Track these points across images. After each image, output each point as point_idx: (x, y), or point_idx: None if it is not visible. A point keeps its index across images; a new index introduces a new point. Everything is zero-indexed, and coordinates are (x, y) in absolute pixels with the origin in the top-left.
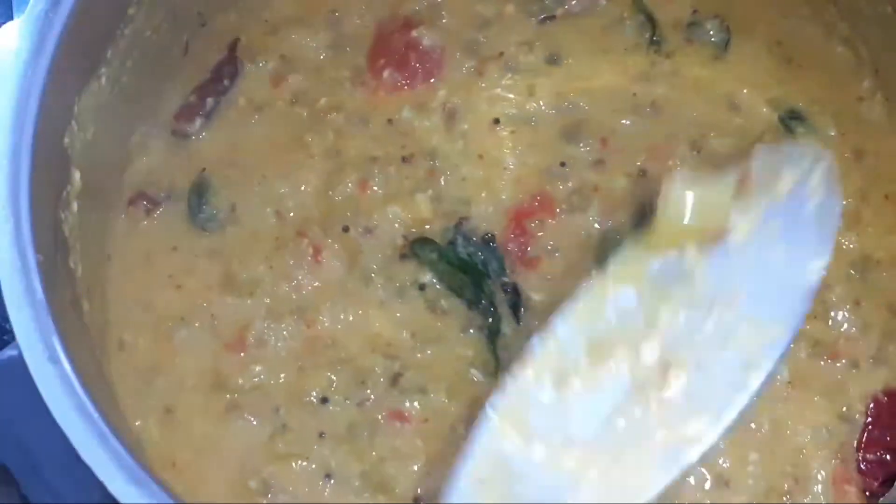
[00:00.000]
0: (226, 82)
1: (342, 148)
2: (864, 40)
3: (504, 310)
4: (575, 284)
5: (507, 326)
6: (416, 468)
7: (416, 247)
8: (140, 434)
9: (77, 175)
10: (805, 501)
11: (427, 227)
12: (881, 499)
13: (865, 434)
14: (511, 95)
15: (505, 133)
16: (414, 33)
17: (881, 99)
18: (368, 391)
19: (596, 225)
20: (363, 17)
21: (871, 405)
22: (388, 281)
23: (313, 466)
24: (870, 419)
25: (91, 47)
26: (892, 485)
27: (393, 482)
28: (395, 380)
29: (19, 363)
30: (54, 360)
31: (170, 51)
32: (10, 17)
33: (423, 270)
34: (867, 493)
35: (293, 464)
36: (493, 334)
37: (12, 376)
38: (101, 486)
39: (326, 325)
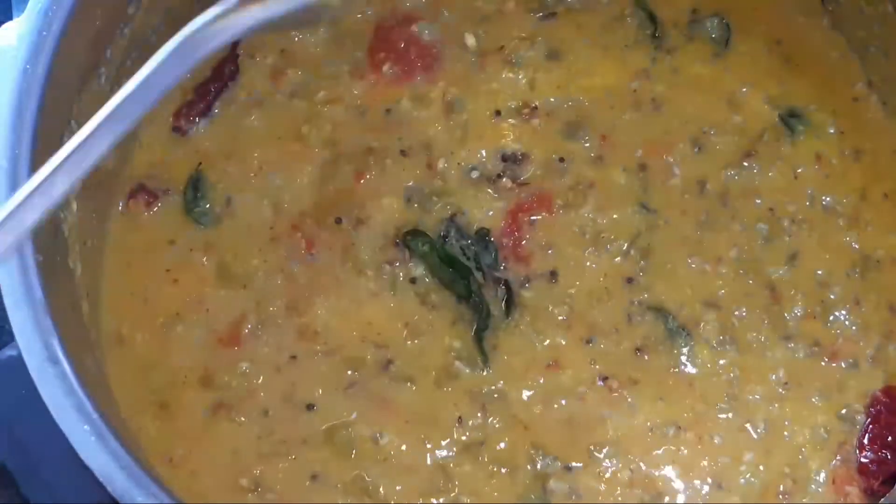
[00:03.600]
0: (227, 80)
1: (339, 139)
2: (859, 51)
3: (494, 305)
4: (567, 281)
5: (495, 321)
6: (399, 470)
7: (409, 239)
8: (138, 429)
9: None
10: (803, 502)
11: (421, 219)
12: (882, 499)
13: (866, 434)
14: (511, 89)
15: (505, 125)
16: (414, 28)
17: (877, 101)
18: (357, 382)
19: (591, 222)
20: (363, 11)
21: (871, 404)
22: (380, 273)
23: (299, 467)
24: (870, 419)
25: (91, 47)
26: (893, 484)
27: (376, 484)
28: (385, 366)
29: (19, 363)
30: (54, 360)
31: None
32: (10, 17)
33: (415, 263)
34: (868, 493)
35: (279, 464)
36: (480, 329)
37: (12, 376)
38: (101, 486)
39: (319, 316)
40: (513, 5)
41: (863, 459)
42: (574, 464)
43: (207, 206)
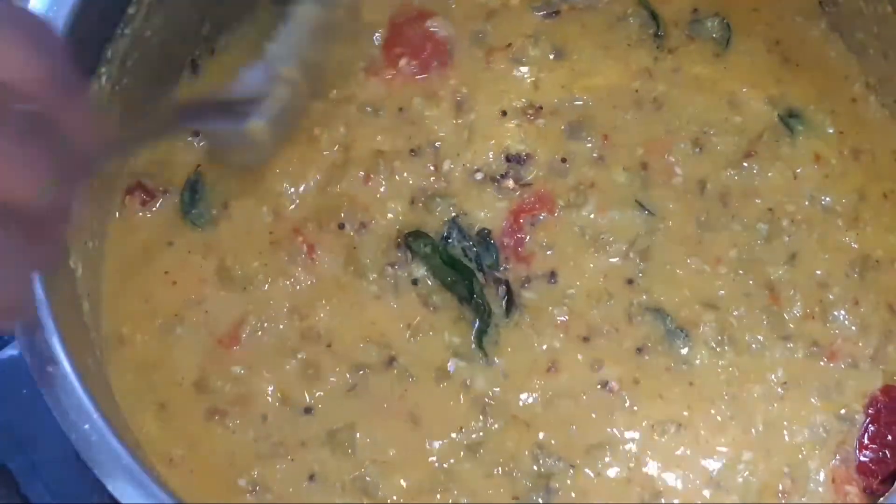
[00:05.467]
0: None
1: (351, 141)
2: (858, 52)
3: (495, 305)
4: (567, 282)
5: (496, 321)
6: (399, 469)
7: (410, 240)
8: (138, 429)
9: None
10: (802, 501)
11: (424, 220)
12: (881, 498)
13: (865, 433)
14: (518, 89)
15: (510, 125)
16: (428, 23)
17: (875, 101)
18: (359, 384)
19: (591, 223)
20: (376, 8)
21: (871, 404)
22: (382, 276)
23: (297, 467)
24: (869, 418)
25: (91, 47)
26: (893, 483)
27: (376, 483)
28: (388, 364)
29: (19, 363)
30: (54, 360)
31: (172, 54)
32: None
33: (417, 265)
34: (867, 492)
35: (277, 465)
36: (481, 331)
37: (12, 376)
38: (101, 486)
39: (321, 319)
40: (517, 1)
41: (862, 459)
42: (574, 462)
43: (204, 208)
